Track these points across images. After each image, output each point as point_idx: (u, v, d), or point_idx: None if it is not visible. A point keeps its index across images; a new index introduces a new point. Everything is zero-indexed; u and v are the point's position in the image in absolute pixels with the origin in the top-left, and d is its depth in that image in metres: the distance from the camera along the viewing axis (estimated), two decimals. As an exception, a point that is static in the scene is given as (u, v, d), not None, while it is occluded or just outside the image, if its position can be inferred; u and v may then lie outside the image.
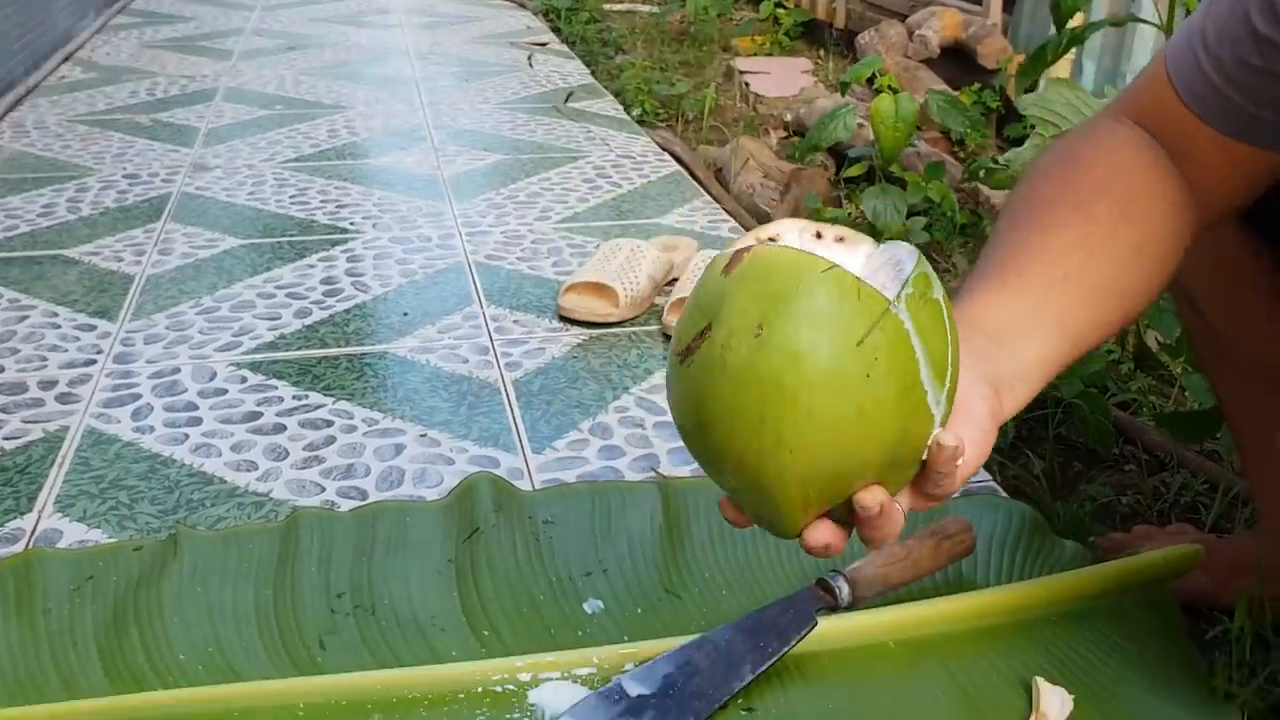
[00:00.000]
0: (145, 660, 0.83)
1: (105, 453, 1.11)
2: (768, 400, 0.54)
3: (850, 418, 0.54)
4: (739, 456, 0.56)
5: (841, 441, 0.55)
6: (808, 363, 0.54)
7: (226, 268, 1.58)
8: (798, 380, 0.54)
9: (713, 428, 0.56)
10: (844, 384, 0.54)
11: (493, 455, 1.12)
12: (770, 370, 0.54)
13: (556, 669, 0.83)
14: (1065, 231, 0.70)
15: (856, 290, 0.54)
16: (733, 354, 0.55)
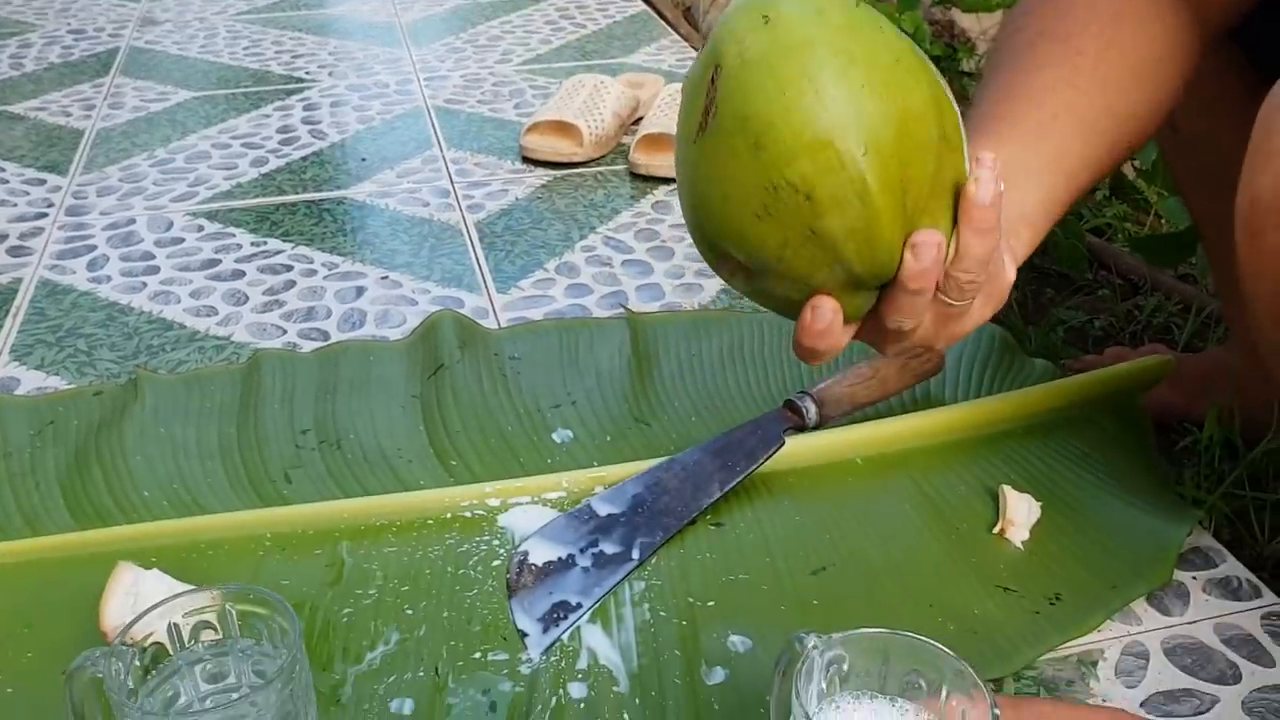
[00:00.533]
0: (109, 498, 0.82)
1: (61, 302, 1.09)
2: (804, 58, 0.50)
3: (887, 64, 0.51)
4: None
5: (890, 91, 0.51)
6: (829, 14, 0.51)
7: (180, 120, 1.53)
8: (824, 29, 0.51)
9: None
10: (870, 26, 0.52)
11: (456, 295, 1.10)
12: (795, 36, 0.51)
13: (525, 494, 0.82)
14: (1050, 70, 0.68)
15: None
16: (751, 50, 0.51)
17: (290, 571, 0.76)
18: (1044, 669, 0.69)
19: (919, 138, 0.52)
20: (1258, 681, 0.68)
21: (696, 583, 0.74)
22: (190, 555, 0.77)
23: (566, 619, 0.72)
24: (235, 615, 0.58)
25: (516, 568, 0.76)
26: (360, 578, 0.75)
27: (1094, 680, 0.68)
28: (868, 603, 0.73)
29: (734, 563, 0.76)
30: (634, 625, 0.71)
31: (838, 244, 0.52)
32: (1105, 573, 0.75)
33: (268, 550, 0.78)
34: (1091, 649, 0.70)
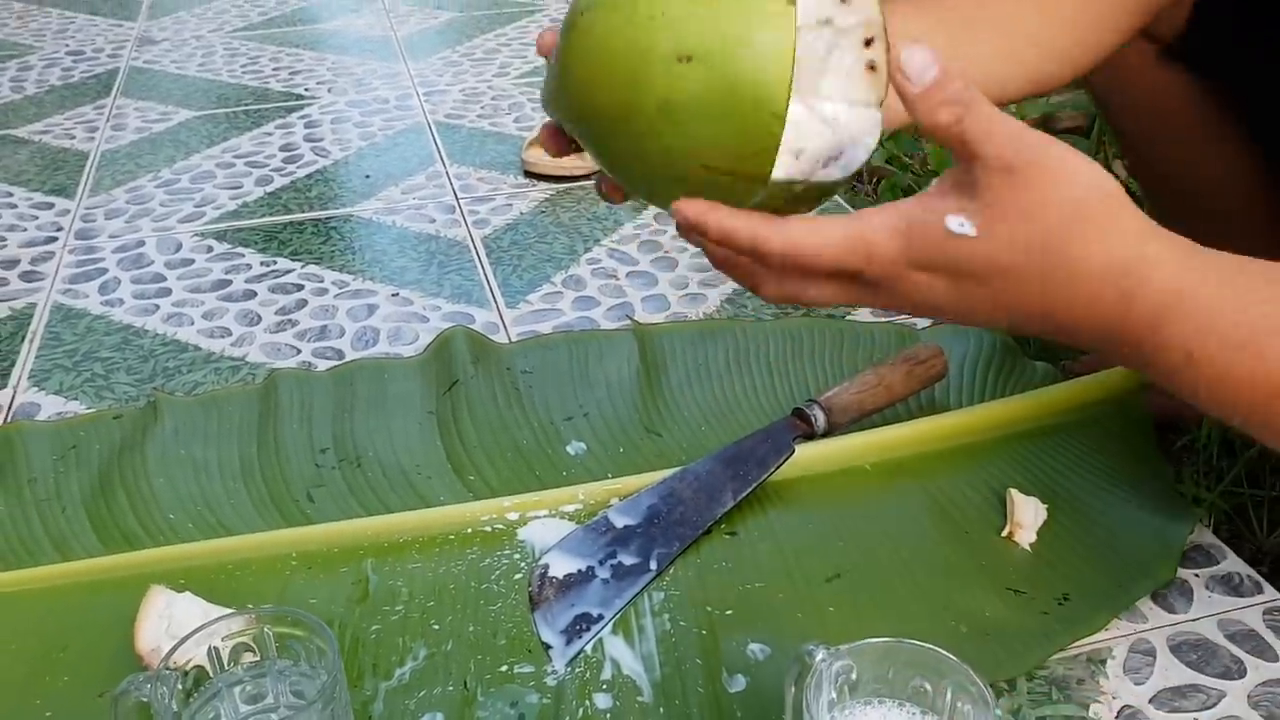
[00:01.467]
0: (136, 521, 0.84)
1: (76, 326, 1.11)
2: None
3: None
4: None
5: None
6: None
7: (183, 140, 1.54)
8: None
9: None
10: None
11: (467, 311, 1.12)
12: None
13: (543, 507, 0.84)
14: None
15: None
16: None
17: (317, 590, 0.78)
18: (1055, 668, 0.71)
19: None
20: (1262, 676, 0.70)
21: (714, 592, 0.76)
22: (218, 576, 0.79)
23: (589, 630, 0.74)
24: (273, 637, 0.60)
25: (538, 581, 0.78)
26: (387, 594, 0.77)
27: (1103, 678, 0.70)
28: (882, 608, 0.75)
29: (750, 571, 0.78)
30: (655, 635, 0.73)
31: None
32: (1111, 572, 0.77)
33: (294, 569, 0.79)
34: (1100, 647, 0.72)
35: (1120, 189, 0.46)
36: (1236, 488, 0.89)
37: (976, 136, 0.46)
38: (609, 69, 0.52)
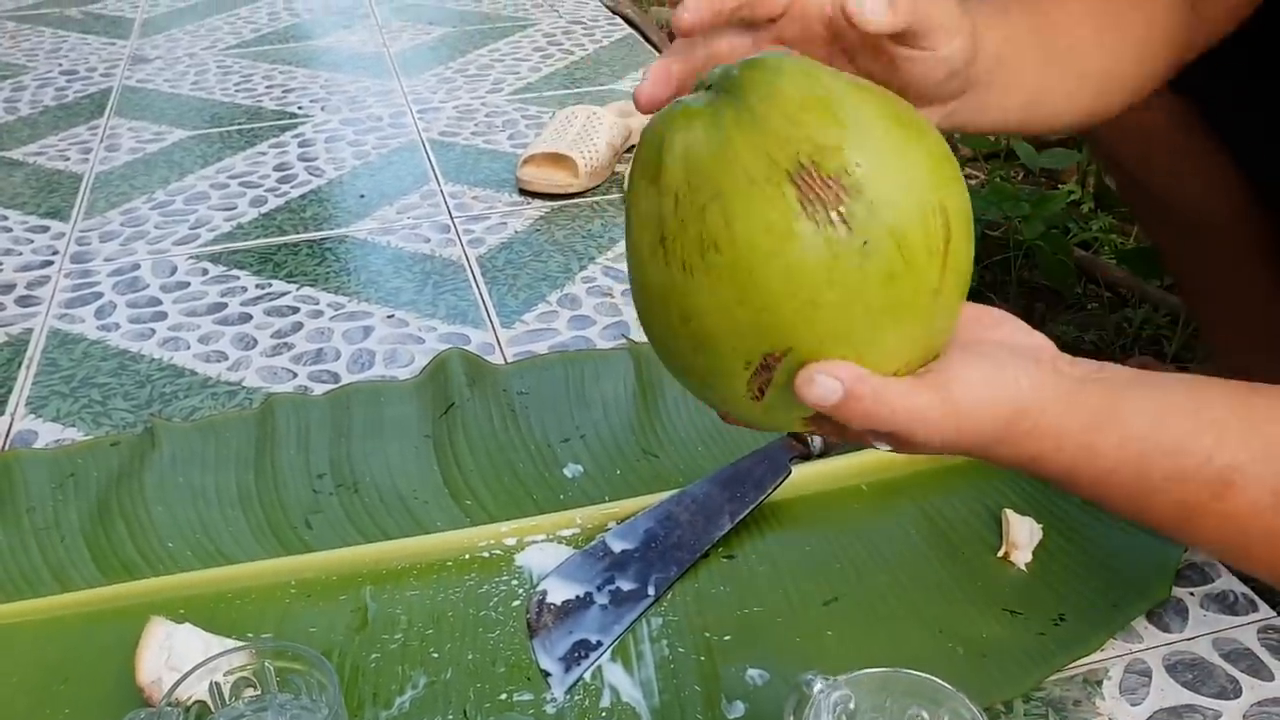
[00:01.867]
0: (135, 550, 0.84)
1: (72, 352, 1.11)
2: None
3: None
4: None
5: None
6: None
7: (177, 160, 1.55)
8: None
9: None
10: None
11: (462, 332, 1.13)
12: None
13: (541, 532, 0.85)
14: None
15: None
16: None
17: (317, 618, 0.78)
18: (1051, 689, 0.71)
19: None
20: (1257, 695, 0.70)
21: (713, 617, 0.77)
22: (218, 605, 0.79)
23: (588, 657, 0.74)
24: (273, 671, 0.60)
25: (536, 608, 0.78)
26: (386, 622, 0.77)
27: (1099, 699, 0.70)
28: (879, 631, 0.75)
29: (748, 595, 0.78)
30: (654, 661, 0.73)
31: None
32: (1107, 591, 0.78)
33: (293, 597, 0.80)
34: (1096, 668, 0.73)
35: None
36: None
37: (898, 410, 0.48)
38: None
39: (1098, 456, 0.50)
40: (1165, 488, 0.51)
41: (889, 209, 0.46)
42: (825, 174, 0.45)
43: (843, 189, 0.45)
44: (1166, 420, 0.51)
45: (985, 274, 1.26)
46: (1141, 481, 0.51)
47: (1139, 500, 0.52)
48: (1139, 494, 0.51)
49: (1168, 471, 0.51)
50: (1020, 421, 0.50)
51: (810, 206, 0.45)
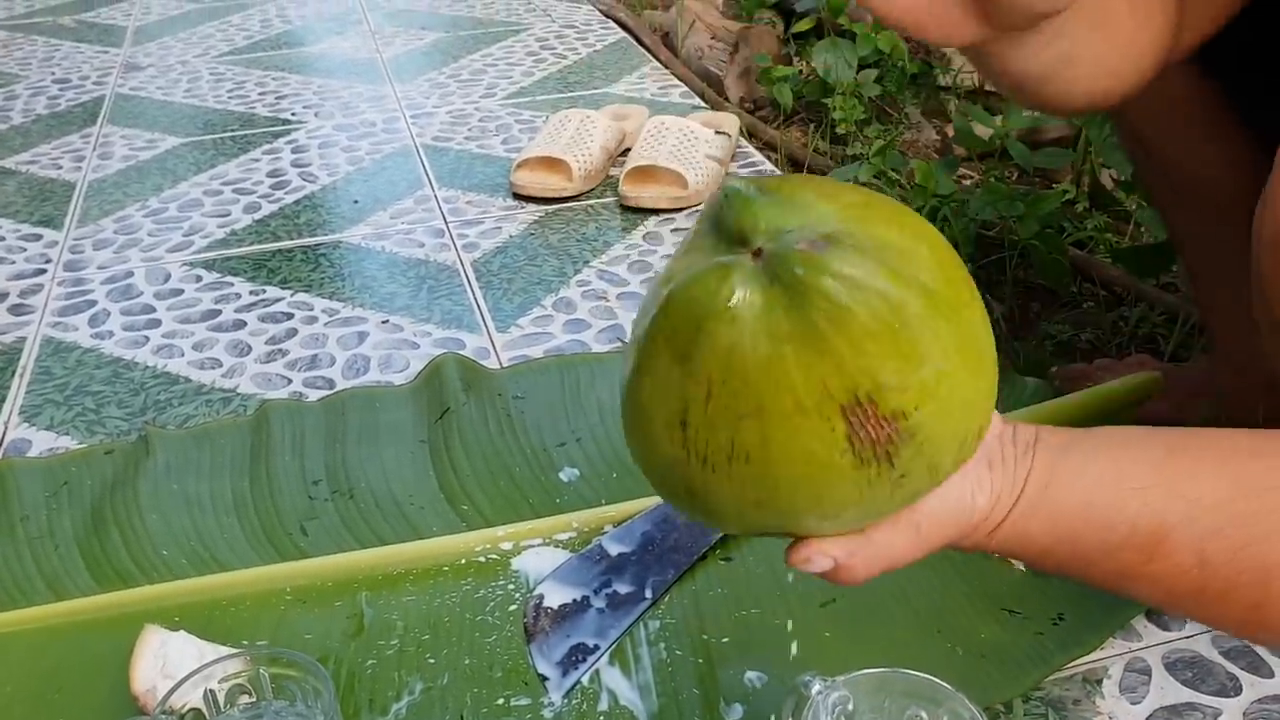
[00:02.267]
0: (129, 558, 0.84)
1: (66, 360, 1.10)
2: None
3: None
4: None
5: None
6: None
7: (170, 167, 1.54)
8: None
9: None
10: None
11: (457, 337, 1.12)
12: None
13: (537, 535, 0.84)
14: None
15: None
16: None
17: (312, 625, 0.77)
18: (1050, 689, 0.71)
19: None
20: (1257, 693, 0.70)
21: (710, 620, 0.76)
22: (213, 612, 0.78)
23: (585, 661, 0.74)
24: (269, 678, 0.60)
25: (533, 611, 0.78)
26: (382, 628, 0.77)
27: (1099, 698, 0.70)
28: (878, 631, 0.75)
29: (746, 598, 0.78)
30: (651, 665, 0.73)
31: None
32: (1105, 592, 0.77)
33: (289, 604, 0.79)
34: (1095, 667, 0.72)
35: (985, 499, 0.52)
36: (1228, 501, 0.90)
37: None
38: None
39: (1033, 540, 0.53)
40: (1099, 560, 0.53)
41: (935, 447, 0.44)
42: (882, 414, 0.42)
43: (896, 431, 0.42)
44: (1092, 498, 0.53)
45: (980, 274, 1.26)
46: (1077, 557, 0.54)
47: (1078, 571, 0.55)
48: (1077, 567, 0.54)
49: (1097, 545, 0.53)
50: (971, 533, 0.53)
51: (859, 444, 0.42)
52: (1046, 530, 0.53)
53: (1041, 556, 0.54)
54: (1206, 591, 0.53)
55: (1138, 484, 0.53)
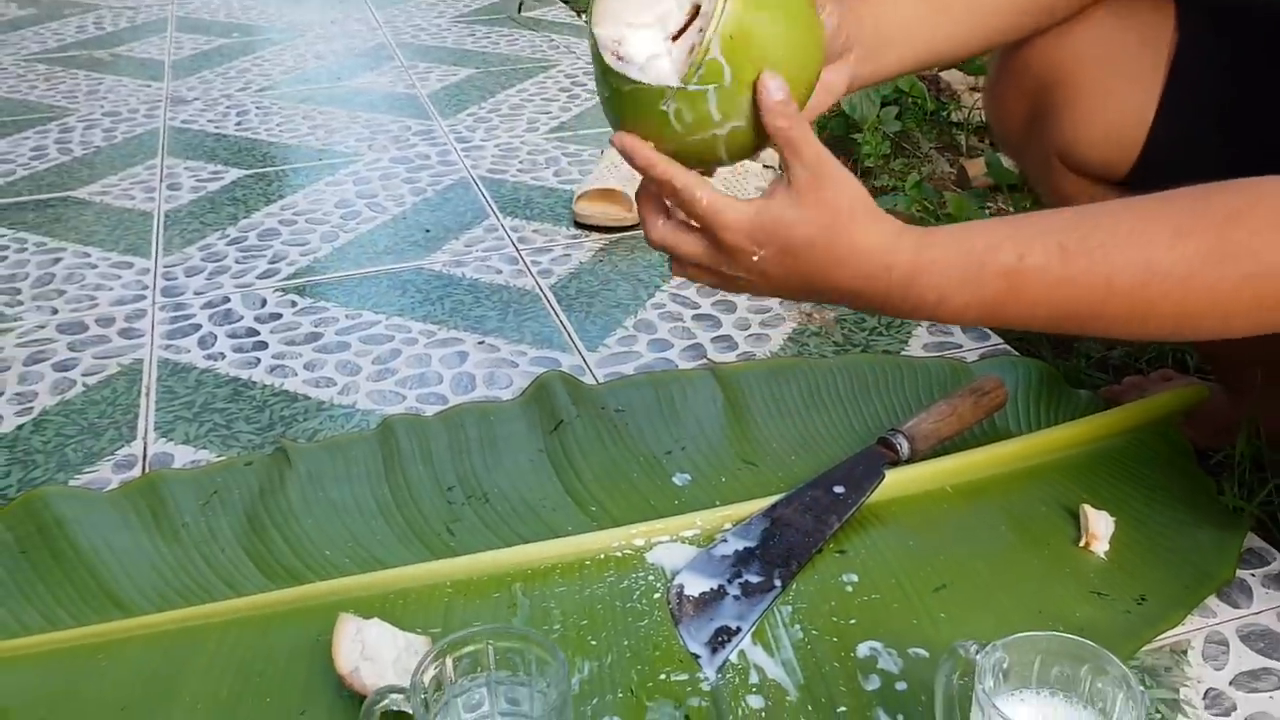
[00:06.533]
0: (295, 557, 0.92)
1: (186, 380, 1.18)
2: None
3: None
4: None
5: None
6: None
7: (239, 198, 1.62)
8: None
9: None
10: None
11: (552, 356, 1.21)
12: None
13: (666, 533, 0.93)
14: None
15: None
16: None
17: (475, 614, 0.86)
18: (1144, 659, 0.81)
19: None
20: (1322, 658, 0.81)
21: (837, 603, 0.86)
22: (384, 605, 0.86)
23: (730, 641, 0.83)
24: (493, 652, 0.68)
25: (676, 599, 0.86)
26: (541, 615, 0.85)
27: (1187, 665, 0.80)
28: (987, 613, 0.85)
29: (864, 584, 0.88)
30: (791, 644, 0.82)
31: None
32: (1180, 574, 0.88)
33: (451, 596, 0.88)
34: (1180, 640, 0.83)
35: (871, 202, 0.69)
36: (1269, 499, 1.01)
37: (798, 143, 0.67)
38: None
39: (933, 246, 0.68)
40: (981, 268, 0.67)
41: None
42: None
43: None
44: (979, 226, 0.70)
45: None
46: (967, 265, 0.68)
47: (968, 280, 0.68)
48: (968, 277, 0.68)
49: (984, 251, 0.68)
50: (869, 207, 0.69)
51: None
52: (939, 249, 0.67)
53: (942, 278, 0.67)
54: (1079, 280, 0.66)
55: (995, 221, 0.70)
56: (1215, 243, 0.65)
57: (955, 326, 1.27)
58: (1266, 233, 0.64)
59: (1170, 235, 0.65)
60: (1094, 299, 0.67)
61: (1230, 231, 0.65)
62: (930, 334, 1.26)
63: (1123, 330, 0.68)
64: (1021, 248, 0.67)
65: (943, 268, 0.67)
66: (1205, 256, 0.65)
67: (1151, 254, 0.65)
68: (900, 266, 0.68)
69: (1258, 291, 0.65)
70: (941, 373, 1.16)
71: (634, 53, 0.68)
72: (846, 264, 0.68)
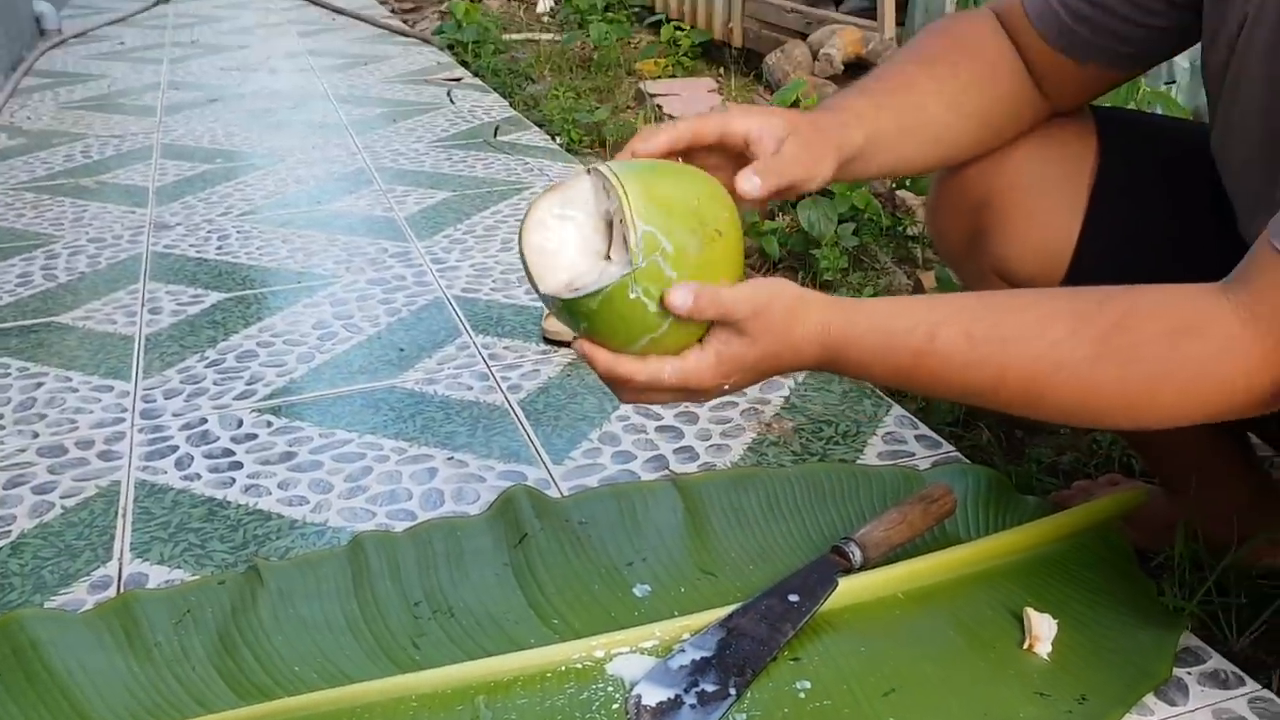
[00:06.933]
0: (265, 674, 0.94)
1: (163, 501, 1.21)
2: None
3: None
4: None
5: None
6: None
7: (219, 320, 1.67)
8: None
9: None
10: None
11: (518, 470, 1.25)
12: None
13: (626, 644, 0.96)
14: (933, 81, 0.93)
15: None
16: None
17: (440, 727, 0.88)
18: (1085, 758, 0.84)
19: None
20: (1255, 754, 0.84)
21: (790, 710, 0.89)
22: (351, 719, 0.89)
23: (687, 749, 0.85)
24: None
25: (634, 709, 0.89)
26: (503, 727, 0.88)
27: (1126, 764, 0.83)
28: (935, 716, 0.88)
29: (817, 690, 0.91)
30: (745, 749, 0.85)
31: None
32: (1120, 674, 0.91)
33: (415, 709, 0.90)
34: (1119, 738, 0.86)
35: (801, 290, 0.79)
36: (1207, 597, 1.04)
37: (728, 308, 0.77)
38: None
39: (855, 325, 0.78)
40: (901, 351, 0.77)
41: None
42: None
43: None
44: (880, 320, 0.78)
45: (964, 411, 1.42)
46: (883, 342, 0.78)
47: (882, 355, 0.78)
48: (882, 352, 0.78)
49: (902, 341, 0.77)
50: (798, 305, 0.78)
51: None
52: (861, 329, 0.77)
53: (857, 340, 0.77)
54: (979, 365, 0.75)
55: (915, 301, 0.80)
56: (1100, 348, 0.73)
57: (909, 436, 1.32)
58: (1145, 344, 0.72)
59: (1063, 335, 0.74)
60: (991, 384, 0.76)
61: (1114, 338, 0.72)
62: (885, 443, 1.31)
63: (1018, 411, 0.78)
64: (934, 330, 0.76)
65: (866, 345, 0.78)
66: (1092, 359, 0.73)
67: (1045, 351, 0.74)
68: (830, 348, 0.79)
69: (1132, 391, 0.73)
70: (895, 481, 1.20)
71: (584, 278, 0.77)
72: (791, 360, 0.80)
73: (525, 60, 3.56)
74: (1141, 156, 1.01)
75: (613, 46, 3.48)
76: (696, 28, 3.59)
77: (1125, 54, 0.94)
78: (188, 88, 3.30)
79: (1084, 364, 0.73)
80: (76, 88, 3.30)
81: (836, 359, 0.79)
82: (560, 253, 0.78)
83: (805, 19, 3.06)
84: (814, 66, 2.69)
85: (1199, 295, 0.73)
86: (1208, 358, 0.72)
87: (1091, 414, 0.77)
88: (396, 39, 4.02)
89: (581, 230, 0.78)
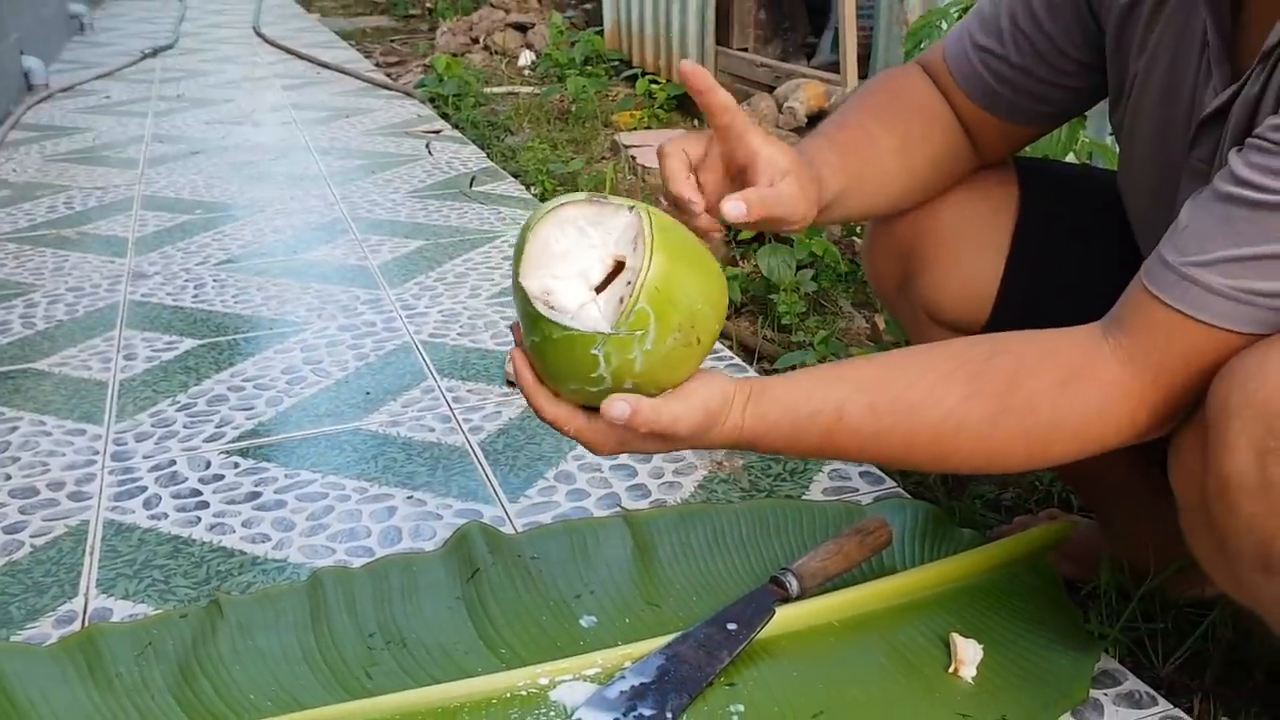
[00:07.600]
0: (222, 703, 0.98)
1: (129, 539, 1.25)
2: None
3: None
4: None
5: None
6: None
7: (192, 366, 1.72)
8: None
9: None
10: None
11: (475, 508, 1.29)
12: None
13: (568, 672, 1.00)
14: (888, 136, 0.99)
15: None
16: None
17: (387, 751, 0.92)
18: (1002, 775, 0.88)
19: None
20: (1163, 770, 0.88)
21: (723, 731, 0.93)
22: (302, 745, 0.93)
23: (623, 770, 0.89)
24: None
25: (574, 733, 0.93)
26: (448, 751, 0.92)
27: (1041, 780, 0.87)
28: (860, 735, 0.92)
29: (750, 713, 0.95)
30: (678, 769, 0.89)
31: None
32: (1038, 696, 0.96)
33: (365, 736, 0.94)
34: (1036, 756, 0.90)
35: (726, 394, 0.82)
36: (1134, 624, 1.09)
37: (663, 431, 0.80)
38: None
39: (766, 418, 0.83)
40: (808, 428, 0.82)
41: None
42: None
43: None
44: (807, 390, 0.83)
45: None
46: (794, 428, 0.82)
47: (795, 439, 0.83)
48: (795, 436, 0.83)
49: (807, 419, 0.82)
50: (722, 409, 0.82)
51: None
52: (771, 420, 0.82)
53: (767, 431, 0.82)
54: (888, 434, 0.80)
55: (821, 380, 0.84)
56: (996, 406, 0.79)
57: (853, 473, 1.36)
58: (1038, 396, 0.78)
59: (959, 399, 0.79)
60: (902, 449, 0.81)
61: (1008, 396, 0.78)
62: (830, 479, 1.35)
63: (931, 469, 0.82)
64: (840, 409, 0.81)
65: (780, 434, 0.83)
66: (990, 418, 0.79)
67: (946, 414, 0.79)
68: (744, 442, 0.84)
69: (1033, 440, 0.79)
70: (837, 515, 1.25)
71: (565, 303, 0.76)
72: (717, 440, 0.84)
73: (504, 113, 3.64)
74: (1059, 204, 1.07)
75: (590, 99, 3.56)
76: (671, 81, 3.68)
77: (1045, 112, 1.01)
78: (171, 140, 3.37)
79: (984, 424, 0.79)
80: (62, 141, 3.37)
81: (753, 446, 0.84)
82: (560, 259, 0.77)
83: (774, 73, 3.15)
84: (779, 119, 2.77)
85: (1081, 340, 0.78)
86: (1096, 401, 0.77)
87: (998, 464, 0.83)
88: (380, 92, 4.10)
89: (591, 254, 0.77)
